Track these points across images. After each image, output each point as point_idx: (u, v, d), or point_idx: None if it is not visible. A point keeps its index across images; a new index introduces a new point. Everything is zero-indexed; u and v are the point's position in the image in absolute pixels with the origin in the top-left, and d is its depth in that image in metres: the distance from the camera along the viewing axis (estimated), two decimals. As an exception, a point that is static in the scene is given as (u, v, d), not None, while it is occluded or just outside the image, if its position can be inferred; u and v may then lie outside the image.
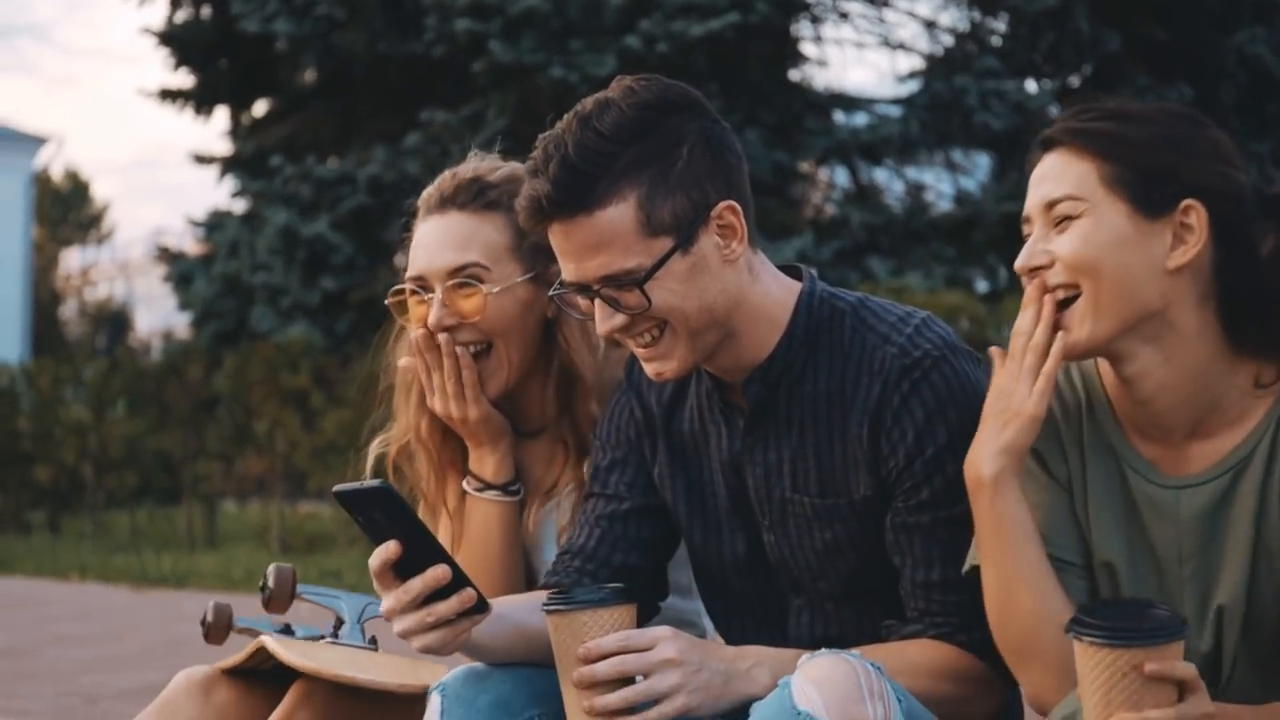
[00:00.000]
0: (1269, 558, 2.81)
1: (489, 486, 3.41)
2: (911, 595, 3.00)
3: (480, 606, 2.81)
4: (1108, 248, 2.76)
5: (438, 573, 2.77)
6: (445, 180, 3.39)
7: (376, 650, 3.40)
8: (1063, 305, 2.80)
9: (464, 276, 3.31)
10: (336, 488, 2.78)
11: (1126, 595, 2.85)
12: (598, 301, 2.93)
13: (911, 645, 2.97)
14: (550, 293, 3.05)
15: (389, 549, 2.78)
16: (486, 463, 3.41)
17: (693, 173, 2.90)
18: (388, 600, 2.80)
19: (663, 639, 2.78)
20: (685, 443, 3.19)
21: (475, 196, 3.34)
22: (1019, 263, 2.83)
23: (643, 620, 2.97)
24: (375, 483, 2.76)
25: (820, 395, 3.04)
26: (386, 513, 2.77)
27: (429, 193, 3.40)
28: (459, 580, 2.79)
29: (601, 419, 3.30)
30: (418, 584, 2.78)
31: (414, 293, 3.38)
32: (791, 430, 3.06)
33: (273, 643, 3.16)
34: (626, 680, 2.77)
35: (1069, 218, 2.78)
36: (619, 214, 2.87)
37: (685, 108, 2.94)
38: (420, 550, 2.78)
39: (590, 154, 2.86)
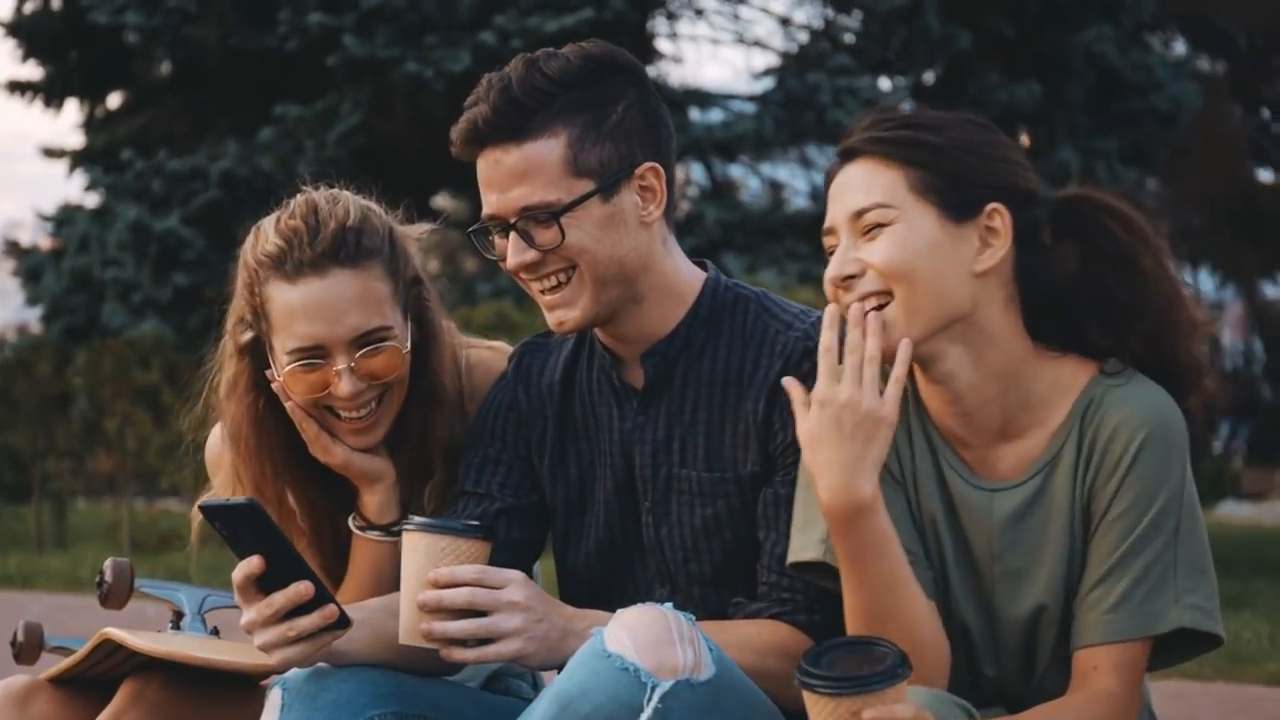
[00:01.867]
0: (1073, 554, 2.87)
1: (371, 526, 3.38)
2: (766, 569, 3.07)
3: (341, 622, 2.84)
4: (920, 253, 2.82)
5: (300, 588, 2.80)
6: (297, 231, 3.21)
7: (220, 639, 3.38)
8: (875, 311, 2.85)
9: (372, 341, 3.23)
10: (202, 501, 2.82)
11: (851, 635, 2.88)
12: (512, 235, 3.05)
13: (748, 622, 3.03)
14: (468, 229, 3.12)
15: (252, 563, 2.80)
16: (370, 504, 3.38)
17: (624, 129, 3.05)
18: (249, 614, 2.83)
19: (513, 581, 2.84)
20: (578, 428, 3.25)
21: (355, 249, 3.20)
22: (830, 273, 2.88)
23: None
24: (242, 499, 2.80)
25: (717, 373, 3.13)
26: (252, 528, 2.79)
27: (283, 249, 3.23)
28: (321, 596, 2.81)
29: (478, 413, 3.33)
30: (280, 599, 2.80)
31: (308, 365, 3.25)
32: (685, 407, 3.14)
33: (118, 631, 3.13)
34: (469, 613, 2.81)
35: (879, 225, 2.83)
36: (548, 148, 3.01)
37: (628, 71, 3.09)
38: (284, 566, 2.80)
39: (531, 89, 3.01)
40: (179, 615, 3.40)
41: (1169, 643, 2.86)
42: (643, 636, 2.72)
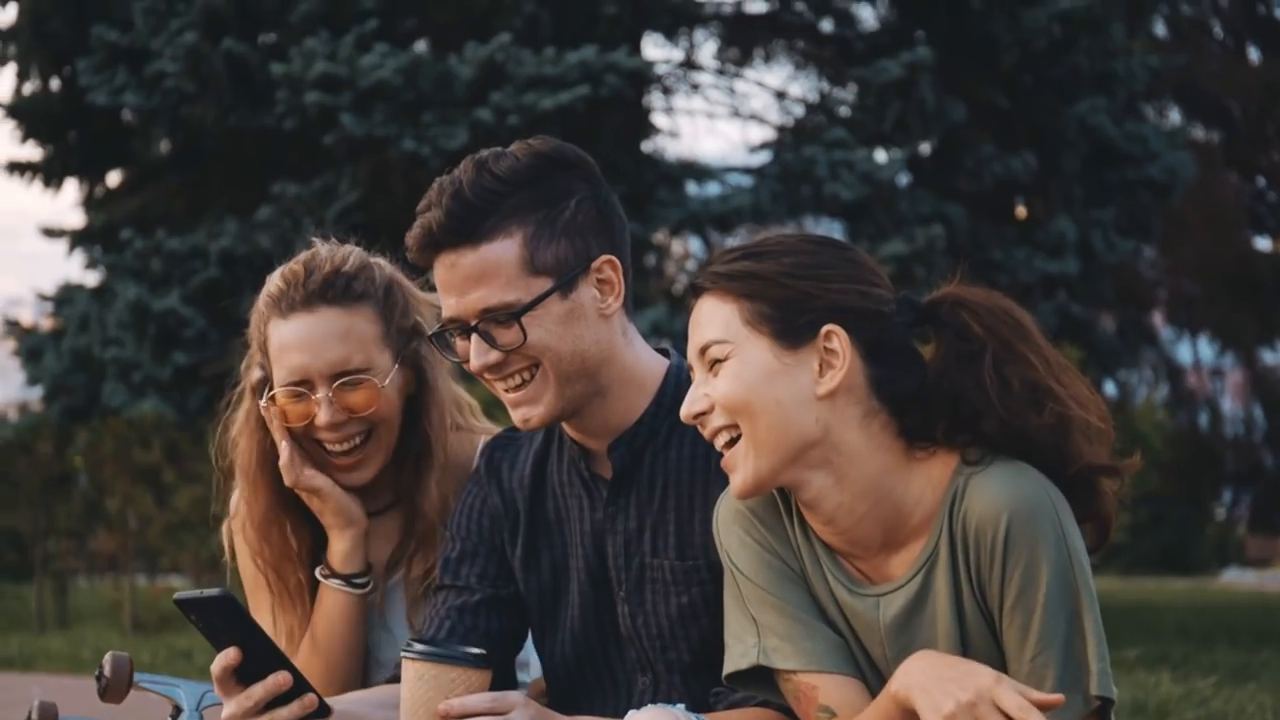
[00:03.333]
0: (973, 650, 2.85)
1: (334, 575, 3.43)
2: None
3: (321, 710, 2.85)
4: (756, 385, 2.84)
5: (279, 679, 2.82)
6: (299, 274, 3.38)
7: None
8: (729, 445, 2.88)
9: (350, 373, 3.33)
10: (177, 595, 2.83)
11: None
12: (474, 337, 3.07)
13: (735, 712, 3.04)
14: (429, 333, 3.13)
15: (229, 655, 2.82)
16: (335, 550, 3.43)
17: (578, 224, 3.08)
18: (229, 706, 2.84)
19: (517, 705, 2.86)
20: (550, 522, 3.27)
21: (345, 290, 3.37)
22: (683, 411, 2.93)
23: None
24: (215, 591, 2.81)
25: (684, 461, 3.15)
26: (227, 619, 2.81)
27: (282, 289, 3.40)
28: (300, 686, 2.83)
29: (454, 510, 3.36)
30: (259, 690, 2.82)
31: (295, 394, 3.37)
32: (654, 496, 3.15)
33: None
34: None
35: (719, 360, 2.87)
36: (504, 249, 3.03)
37: (576, 166, 3.13)
38: (261, 656, 2.82)
39: (483, 191, 3.04)
40: (178, 710, 3.41)
41: None
42: None
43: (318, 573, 3.47)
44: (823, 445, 2.86)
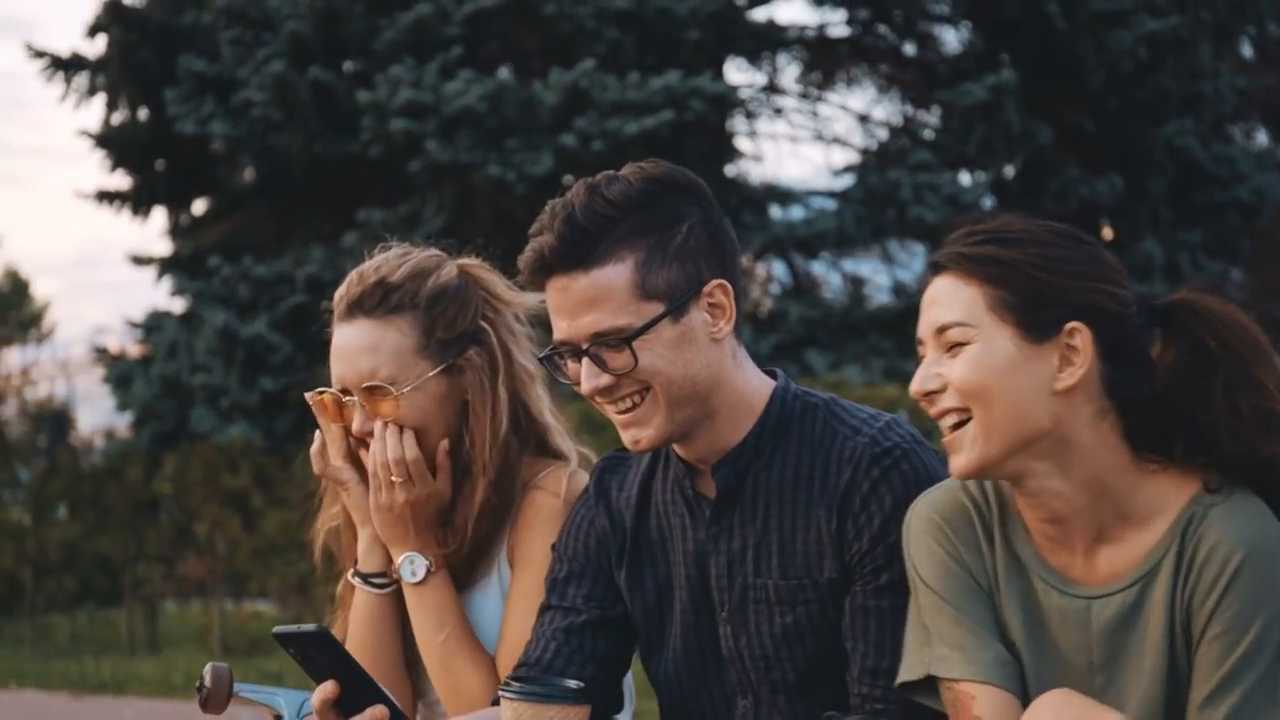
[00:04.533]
0: (1178, 670, 2.83)
1: (355, 572, 3.50)
2: (857, 681, 3.06)
3: None
4: (996, 373, 2.82)
5: (376, 713, 2.86)
6: (352, 283, 3.46)
7: None
8: (956, 427, 2.86)
9: (376, 383, 3.38)
10: (276, 630, 2.87)
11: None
12: (585, 361, 3.06)
13: None
14: (540, 355, 3.20)
15: (327, 688, 2.86)
16: (360, 544, 3.52)
17: (689, 249, 3.06)
18: None
19: None
20: (653, 543, 3.27)
21: (380, 302, 3.42)
22: (914, 387, 2.90)
23: None
24: (312, 627, 2.85)
25: (787, 481, 3.13)
26: (323, 653, 2.84)
27: (339, 294, 3.49)
28: (396, 717, 2.85)
29: (561, 531, 3.37)
30: None
31: (335, 399, 3.47)
32: (757, 516, 3.14)
33: None
34: None
35: (959, 344, 2.84)
36: (616, 273, 3.02)
37: (689, 189, 3.11)
38: (358, 689, 2.86)
39: (595, 215, 3.04)
40: (278, 719, 3.43)
41: None
42: None
43: (348, 572, 3.54)
44: (1051, 437, 2.84)
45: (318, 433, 3.52)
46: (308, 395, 3.51)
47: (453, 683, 3.39)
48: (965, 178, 20.00)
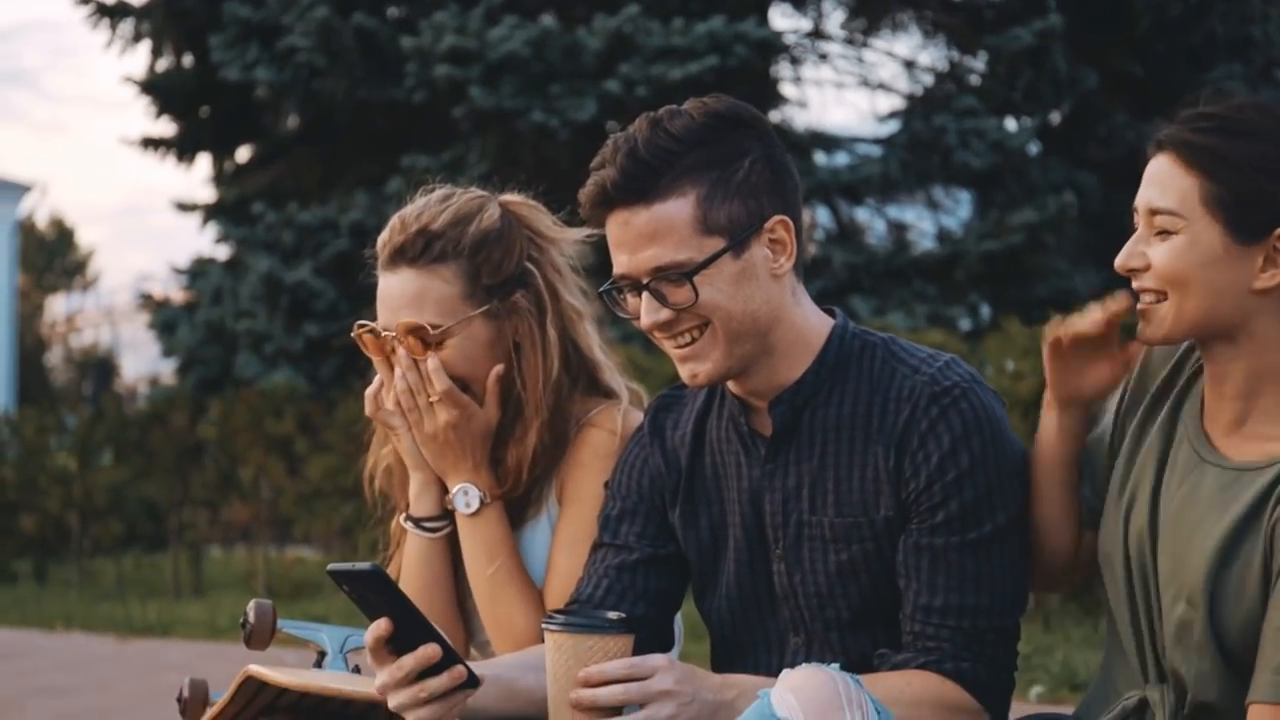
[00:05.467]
0: (1249, 579, 2.82)
1: (407, 517, 3.50)
2: (910, 619, 3.07)
3: (471, 682, 2.88)
4: (1199, 267, 2.83)
5: (428, 651, 2.85)
6: (395, 229, 3.44)
7: (362, 676, 3.42)
8: (1151, 302, 2.89)
9: (420, 334, 3.38)
10: (330, 567, 2.87)
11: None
12: (645, 295, 3.06)
13: (896, 674, 3.03)
14: (600, 289, 3.19)
15: (380, 626, 2.86)
16: (411, 489, 3.51)
17: (752, 184, 3.04)
18: (382, 675, 2.88)
19: (660, 669, 2.85)
20: (708, 481, 3.27)
21: (423, 251, 3.39)
22: (1119, 260, 2.92)
23: None
24: (366, 565, 2.85)
25: (844, 419, 3.13)
26: (377, 592, 2.85)
27: (382, 240, 3.46)
28: (449, 657, 2.86)
29: (615, 468, 3.38)
30: (409, 661, 2.85)
31: (380, 332, 3.46)
32: (813, 453, 3.14)
33: (260, 668, 3.17)
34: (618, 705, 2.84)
35: (1168, 231, 2.84)
36: (677, 208, 3.01)
37: (752, 124, 3.10)
38: (411, 628, 2.86)
39: (657, 149, 3.02)
40: (321, 655, 3.44)
41: None
42: (811, 701, 2.72)
43: (399, 515, 3.54)
44: (1239, 328, 2.85)
45: (377, 376, 3.51)
46: (353, 332, 3.51)
47: (500, 617, 3.39)
48: (1011, 123, 19.91)
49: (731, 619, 3.23)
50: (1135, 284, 2.90)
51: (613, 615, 2.92)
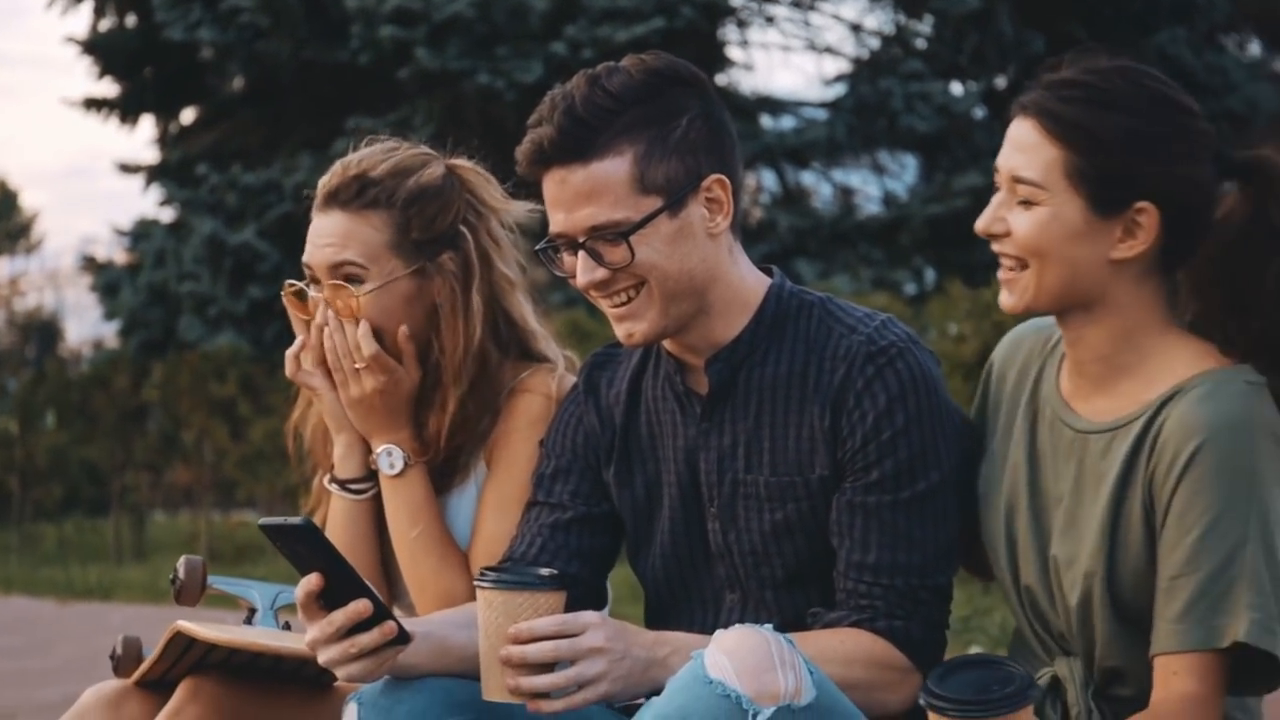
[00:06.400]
0: (1120, 537, 2.85)
1: (332, 479, 3.48)
2: (843, 576, 3.06)
3: (402, 638, 2.86)
4: (1058, 240, 2.82)
5: (359, 606, 2.83)
6: (335, 173, 3.41)
7: (292, 632, 3.40)
8: (1011, 269, 2.90)
9: (341, 276, 3.35)
10: (261, 521, 2.85)
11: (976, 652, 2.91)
12: (581, 254, 3.04)
13: (829, 632, 3.02)
14: (536, 247, 3.16)
15: (311, 581, 2.83)
16: (334, 451, 3.49)
17: (690, 142, 3.03)
18: (312, 631, 2.85)
19: (591, 625, 2.82)
20: (643, 440, 3.25)
21: (357, 195, 3.37)
22: (980, 224, 2.91)
23: None
24: (297, 519, 2.82)
25: (780, 378, 3.12)
26: (309, 546, 2.82)
27: (321, 183, 3.43)
28: (380, 613, 2.84)
29: (549, 428, 3.36)
30: (340, 616, 2.82)
31: (310, 284, 3.43)
32: (749, 412, 3.13)
33: (188, 623, 3.15)
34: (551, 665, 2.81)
35: (1030, 201, 2.83)
36: (614, 167, 2.99)
37: (690, 82, 3.07)
38: (342, 583, 2.83)
39: (595, 108, 3.00)
40: (252, 612, 3.42)
41: (1248, 664, 2.78)
42: (744, 662, 2.70)
43: (324, 477, 3.51)
44: (1096, 296, 2.86)
45: (299, 342, 3.49)
46: (283, 294, 3.48)
47: (423, 580, 3.37)
48: (957, 87, 19.95)
49: (666, 577, 3.22)
50: (996, 248, 2.89)
51: (544, 572, 2.90)
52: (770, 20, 21.71)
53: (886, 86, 18.93)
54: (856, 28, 21.78)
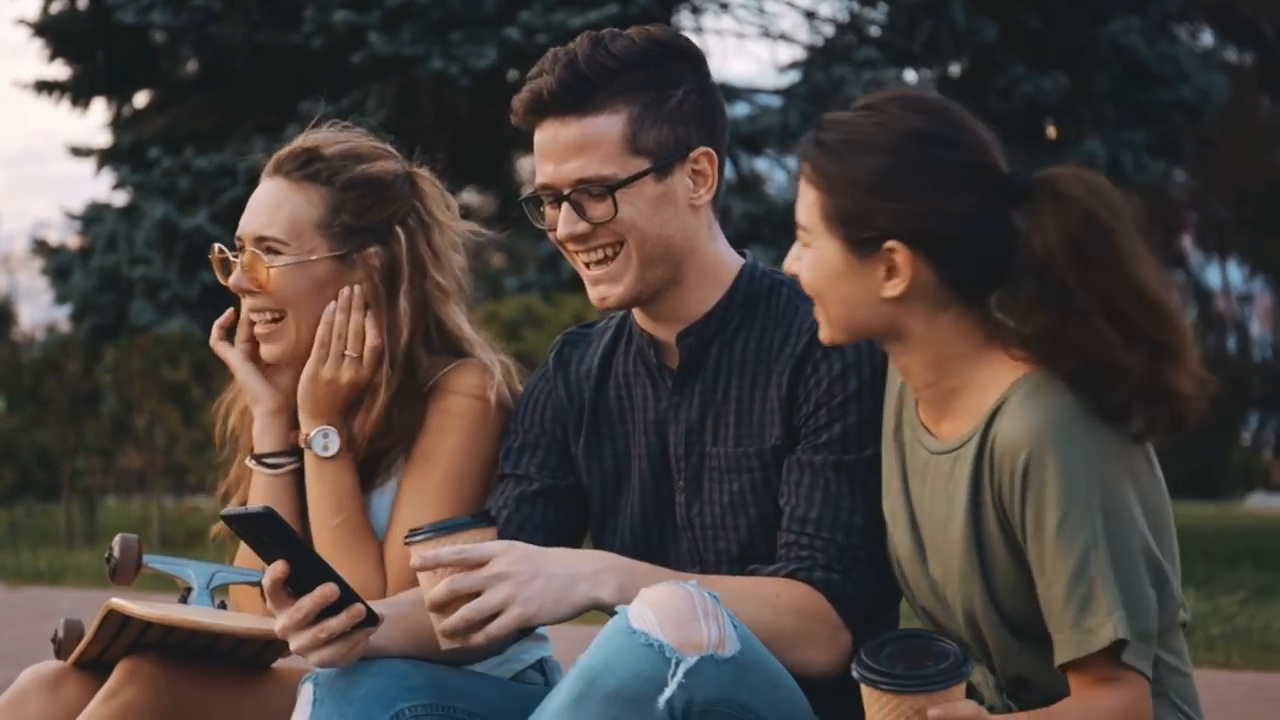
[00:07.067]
0: (989, 554, 2.88)
1: (252, 455, 3.49)
2: (785, 530, 3.12)
3: (370, 620, 2.88)
4: (826, 280, 2.90)
5: (326, 590, 2.85)
6: (290, 145, 3.45)
7: (227, 611, 3.41)
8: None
9: (262, 246, 3.36)
10: (224, 511, 2.88)
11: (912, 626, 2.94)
12: (564, 206, 3.15)
13: (768, 580, 3.05)
14: (521, 198, 3.26)
15: (277, 569, 2.86)
16: (254, 427, 3.50)
17: (683, 112, 3.15)
18: (281, 618, 2.88)
19: (496, 554, 2.86)
20: (612, 413, 3.32)
21: (300, 166, 3.41)
22: (785, 265, 3.00)
23: None
24: (259, 507, 2.86)
25: (749, 353, 3.20)
26: (272, 534, 2.84)
27: (275, 153, 3.47)
28: (347, 596, 2.85)
29: (519, 402, 3.42)
30: (308, 602, 2.85)
31: (235, 250, 3.47)
32: (718, 387, 3.21)
33: (121, 601, 3.15)
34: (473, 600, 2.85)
35: (804, 243, 2.93)
36: (608, 124, 3.11)
37: (690, 57, 3.20)
38: (308, 569, 2.85)
39: (596, 65, 3.11)
40: (187, 590, 3.41)
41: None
42: (667, 613, 2.76)
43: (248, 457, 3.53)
44: (892, 331, 2.91)
45: (229, 314, 3.52)
46: (210, 256, 3.51)
47: (341, 568, 3.39)
48: (911, 75, 19.95)
49: (635, 551, 3.25)
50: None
51: (464, 517, 2.94)
52: (724, 7, 21.69)
53: (840, 74, 18.93)
54: (811, 15, 21.77)
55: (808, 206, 2.91)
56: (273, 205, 3.41)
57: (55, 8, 21.72)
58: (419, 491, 3.39)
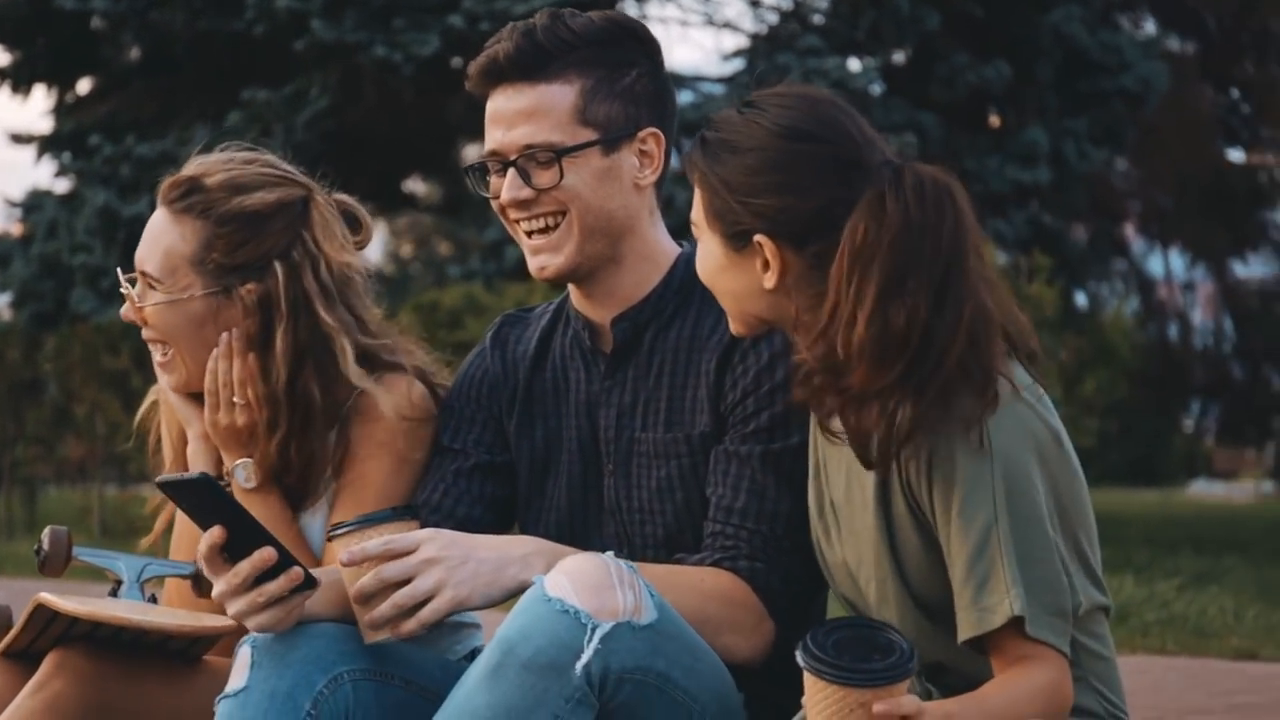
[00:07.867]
0: (900, 541, 2.89)
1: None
2: (711, 520, 3.13)
3: (308, 583, 2.89)
4: (714, 274, 2.98)
5: (264, 554, 2.85)
6: (181, 171, 3.41)
7: (156, 605, 3.38)
8: None
9: (145, 281, 3.39)
10: (159, 478, 2.88)
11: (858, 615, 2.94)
12: (510, 172, 3.19)
13: (690, 567, 3.09)
14: (466, 166, 3.31)
15: (214, 534, 2.86)
16: (189, 450, 3.47)
17: (635, 92, 3.21)
18: (219, 585, 2.88)
19: (423, 540, 2.87)
20: (546, 394, 3.34)
21: (181, 196, 3.38)
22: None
23: None
24: (195, 474, 2.86)
25: (683, 340, 3.23)
26: (208, 501, 2.84)
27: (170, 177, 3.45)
28: (285, 560, 2.86)
29: (455, 378, 3.45)
30: (245, 566, 2.86)
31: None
32: (650, 373, 3.24)
33: (49, 596, 3.13)
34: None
35: (696, 239, 3.02)
36: (560, 93, 3.17)
37: (646, 41, 3.26)
38: (245, 534, 2.85)
39: (554, 37, 3.17)
40: (118, 583, 3.39)
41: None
42: (583, 581, 2.79)
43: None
44: (781, 319, 2.95)
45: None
46: (123, 279, 3.51)
47: None
48: (854, 63, 19.97)
49: (559, 533, 3.28)
50: None
51: (385, 511, 2.96)
52: (669, -6, 21.71)
53: (784, 62, 18.94)
54: (755, 3, 21.79)
55: (695, 204, 2.97)
56: (153, 238, 3.39)
57: (-6, -6, 21.57)
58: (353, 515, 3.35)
